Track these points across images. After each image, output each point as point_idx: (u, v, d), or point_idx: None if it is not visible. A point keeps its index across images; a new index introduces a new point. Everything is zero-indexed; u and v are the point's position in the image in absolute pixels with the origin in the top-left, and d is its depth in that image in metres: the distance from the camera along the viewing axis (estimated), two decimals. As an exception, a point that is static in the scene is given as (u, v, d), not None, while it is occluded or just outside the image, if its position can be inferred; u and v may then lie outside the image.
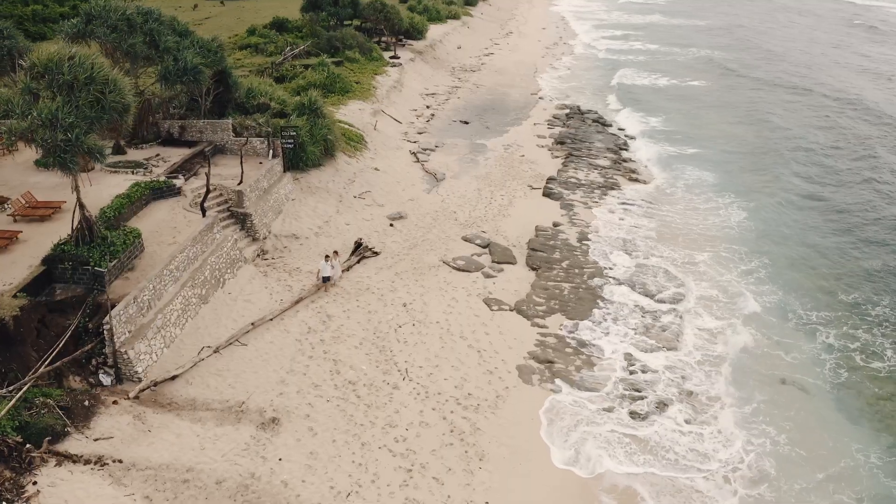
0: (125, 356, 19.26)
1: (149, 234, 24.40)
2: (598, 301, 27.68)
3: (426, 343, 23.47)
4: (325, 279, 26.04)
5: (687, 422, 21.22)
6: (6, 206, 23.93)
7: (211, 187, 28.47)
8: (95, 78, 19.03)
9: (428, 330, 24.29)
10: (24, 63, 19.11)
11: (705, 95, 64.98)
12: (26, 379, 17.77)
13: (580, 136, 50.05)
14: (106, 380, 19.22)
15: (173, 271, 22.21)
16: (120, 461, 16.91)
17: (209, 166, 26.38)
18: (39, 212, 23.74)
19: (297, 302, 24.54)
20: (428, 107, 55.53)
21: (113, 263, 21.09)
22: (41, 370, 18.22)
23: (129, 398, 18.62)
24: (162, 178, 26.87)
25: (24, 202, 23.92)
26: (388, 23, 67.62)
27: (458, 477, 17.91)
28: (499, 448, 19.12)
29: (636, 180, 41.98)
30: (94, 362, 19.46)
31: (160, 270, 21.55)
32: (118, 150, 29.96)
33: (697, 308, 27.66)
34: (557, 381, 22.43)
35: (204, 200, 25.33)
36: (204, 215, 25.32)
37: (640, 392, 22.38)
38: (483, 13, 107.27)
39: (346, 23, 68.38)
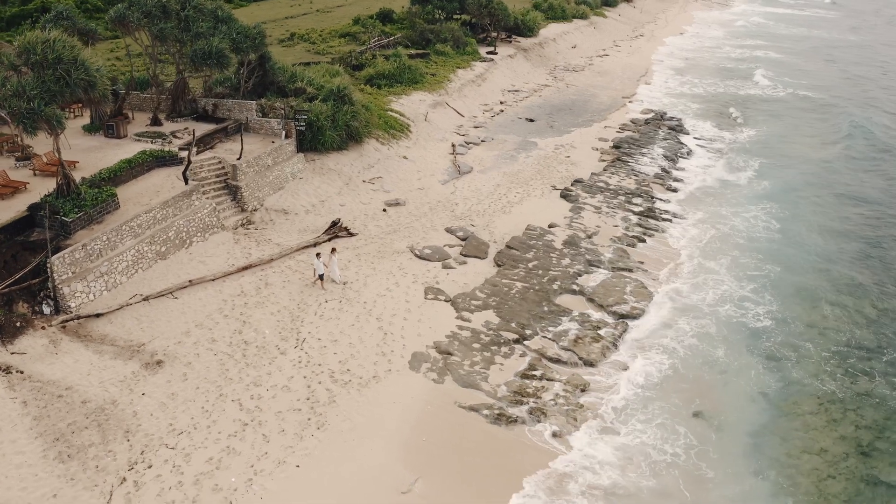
0: (61, 292, 23.01)
1: (135, 194, 28.30)
2: (543, 304, 27.45)
3: (339, 319, 25.02)
4: (321, 276, 26.46)
5: (555, 435, 20.95)
6: (33, 160, 28.99)
7: (216, 159, 32.15)
8: (63, 58, 22.85)
9: (351, 308, 25.80)
10: (13, 43, 23.40)
11: (818, 111, 59.06)
12: (-23, 299, 22.07)
13: (642, 141, 48.13)
14: (46, 309, 23.08)
15: (134, 228, 25.78)
16: (21, 372, 20.51)
17: (193, 139, 29.81)
18: (54, 168, 28.48)
19: (244, 268, 27.17)
20: (502, 102, 56.09)
21: (79, 215, 25.02)
22: (-8, 293, 22.48)
23: (52, 325, 22.35)
24: (167, 149, 30.77)
25: (45, 160, 28.84)
26: (492, 18, 68.58)
27: (287, 439, 19.42)
28: (343, 422, 20.30)
29: (671, 190, 40.00)
30: (41, 294, 23.47)
31: (118, 225, 25.18)
32: (156, 122, 34.55)
33: (652, 327, 26.52)
34: (447, 374, 23.05)
35: (186, 170, 28.77)
36: (186, 183, 28.81)
37: (523, 398, 22.32)
38: (620, 14, 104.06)
39: (454, 16, 70.30)
